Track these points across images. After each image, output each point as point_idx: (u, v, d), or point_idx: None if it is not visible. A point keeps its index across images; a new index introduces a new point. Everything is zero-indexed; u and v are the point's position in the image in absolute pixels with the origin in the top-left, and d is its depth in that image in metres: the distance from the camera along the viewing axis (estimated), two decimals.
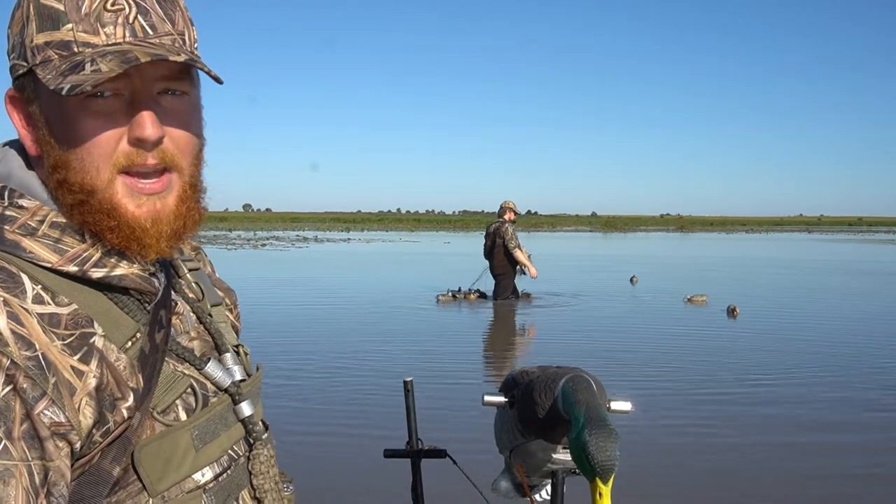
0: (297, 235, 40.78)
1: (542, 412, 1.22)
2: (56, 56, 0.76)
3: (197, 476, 0.83)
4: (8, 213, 0.77)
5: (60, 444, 0.70)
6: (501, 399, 1.34)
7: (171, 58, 0.75)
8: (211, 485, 0.85)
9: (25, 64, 0.78)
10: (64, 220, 0.78)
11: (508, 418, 1.33)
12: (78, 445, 0.72)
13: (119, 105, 0.77)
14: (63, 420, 0.70)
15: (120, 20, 0.77)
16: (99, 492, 0.75)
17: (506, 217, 12.29)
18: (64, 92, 0.73)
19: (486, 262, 12.36)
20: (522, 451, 1.32)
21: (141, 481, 0.78)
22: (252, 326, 8.68)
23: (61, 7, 0.76)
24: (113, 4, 0.77)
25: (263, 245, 29.96)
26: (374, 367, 7.16)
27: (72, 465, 0.72)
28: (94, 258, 0.78)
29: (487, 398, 1.35)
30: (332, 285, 14.30)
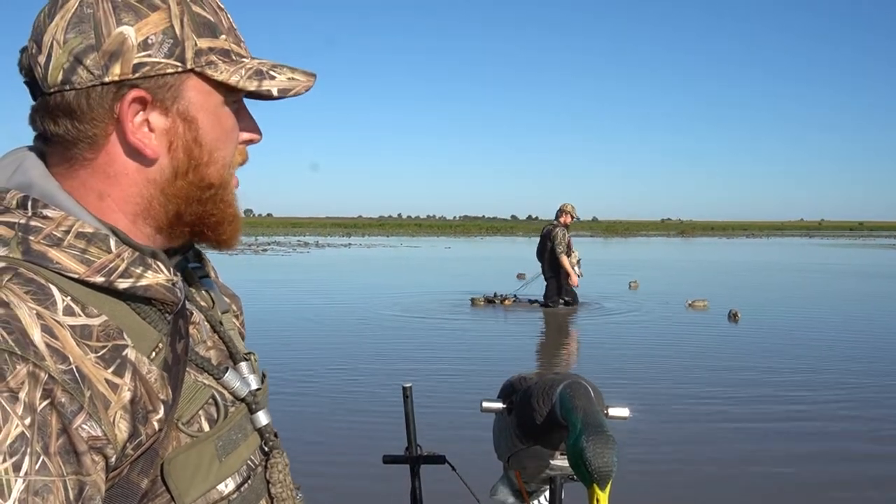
0: (299, 240, 40.80)
1: (539, 418, 1.22)
2: (220, 61, 0.81)
3: (221, 487, 0.84)
4: (33, 223, 0.76)
5: (97, 459, 0.70)
6: (500, 405, 1.34)
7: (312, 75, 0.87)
8: (234, 496, 0.85)
9: (180, 65, 0.79)
10: (90, 230, 0.77)
11: (507, 424, 1.33)
12: (113, 459, 0.72)
13: (237, 110, 0.86)
14: (100, 434, 0.70)
15: (243, 38, 0.86)
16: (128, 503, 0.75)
17: (561, 220, 12.19)
18: (275, 93, 0.82)
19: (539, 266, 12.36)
20: (521, 458, 1.32)
21: (169, 493, 0.79)
22: (252, 332, 8.68)
23: (212, 18, 0.82)
24: (234, 23, 0.86)
25: (265, 250, 29.97)
26: (375, 371, 7.16)
27: (106, 479, 0.72)
28: (120, 268, 0.77)
29: (486, 404, 1.35)
30: (334, 290, 14.29)
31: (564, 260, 11.92)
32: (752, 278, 18.60)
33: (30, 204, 0.77)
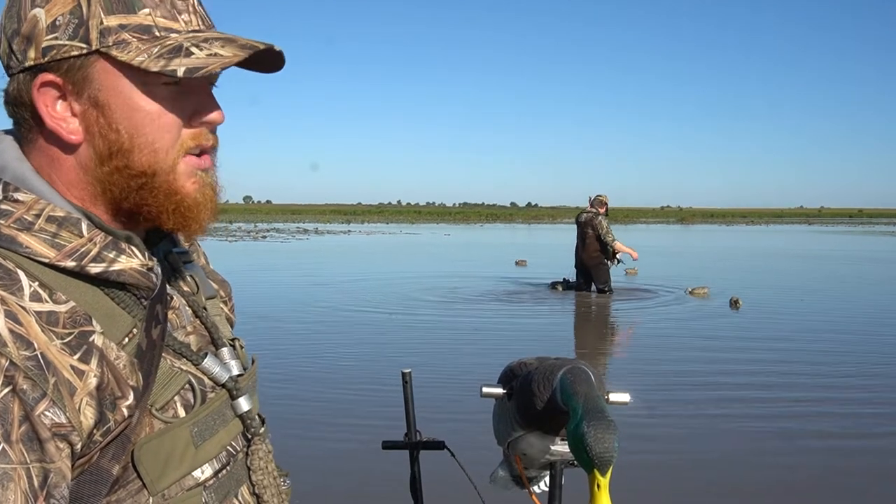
0: (298, 227, 40.82)
1: (540, 404, 1.21)
2: (135, 39, 0.75)
3: (196, 473, 0.82)
4: (3, 206, 0.75)
5: (61, 446, 0.69)
6: (499, 390, 1.33)
7: (276, 47, 0.78)
8: (211, 482, 0.84)
9: (85, 46, 0.75)
10: (62, 214, 0.76)
11: (506, 410, 1.32)
12: (79, 446, 0.71)
13: (179, 91, 0.79)
14: (64, 421, 0.69)
15: (189, 8, 0.79)
16: (98, 490, 0.74)
17: (600, 210, 12.46)
18: (180, 74, 0.74)
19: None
20: (521, 443, 1.31)
21: (141, 479, 0.78)
22: (250, 317, 8.69)
23: None
24: None
25: (264, 237, 29.97)
26: (375, 357, 7.17)
27: (72, 466, 0.71)
28: (92, 253, 0.76)
29: (486, 389, 1.34)
30: (336, 276, 14.29)
31: (619, 245, 12.28)
32: (752, 264, 18.59)
33: (1, 187, 0.77)
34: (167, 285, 0.87)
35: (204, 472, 0.83)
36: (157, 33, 0.76)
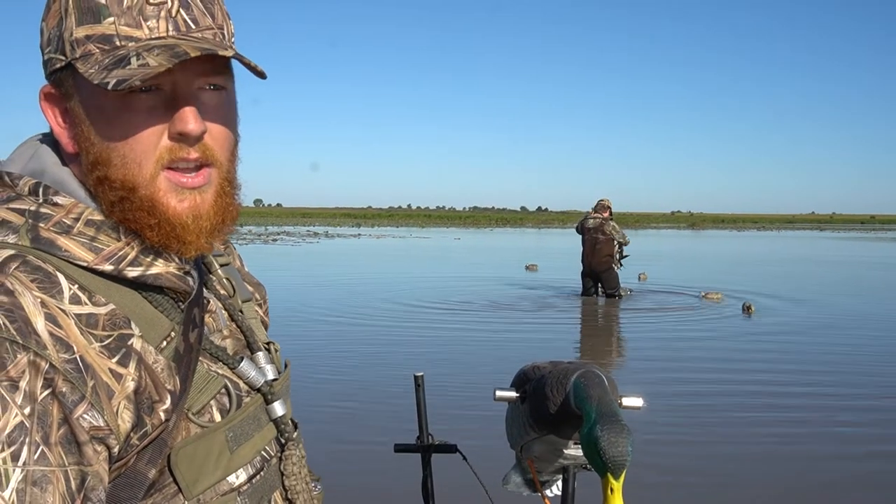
0: (308, 230, 40.94)
1: (553, 407, 1.21)
2: (97, 50, 0.75)
3: (231, 478, 0.82)
4: (43, 210, 0.76)
5: (99, 449, 0.69)
6: (513, 394, 1.33)
7: (220, 52, 0.74)
8: (245, 487, 0.84)
9: (63, 58, 0.76)
10: (100, 218, 0.77)
11: (520, 413, 1.32)
12: (116, 449, 0.71)
13: (160, 100, 0.76)
14: (102, 424, 0.69)
15: (163, 14, 0.76)
16: (134, 494, 0.74)
17: (604, 215, 12.45)
18: (110, 87, 0.71)
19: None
20: (534, 447, 1.31)
21: (177, 484, 0.78)
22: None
23: (102, 0, 0.75)
24: None
25: (274, 240, 30.05)
26: (386, 361, 7.18)
27: (109, 469, 0.71)
28: (129, 257, 0.76)
29: (499, 393, 1.34)
30: (346, 279, 14.31)
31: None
32: (765, 270, 18.50)
33: (41, 191, 0.78)
34: (204, 288, 0.87)
35: (238, 477, 0.83)
36: (117, 43, 0.75)
